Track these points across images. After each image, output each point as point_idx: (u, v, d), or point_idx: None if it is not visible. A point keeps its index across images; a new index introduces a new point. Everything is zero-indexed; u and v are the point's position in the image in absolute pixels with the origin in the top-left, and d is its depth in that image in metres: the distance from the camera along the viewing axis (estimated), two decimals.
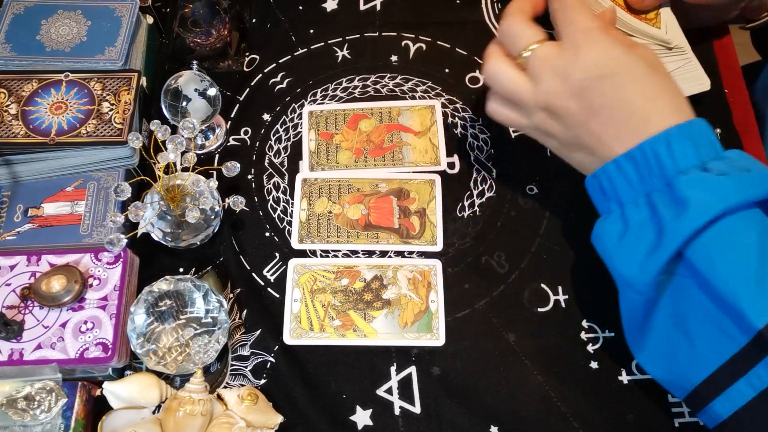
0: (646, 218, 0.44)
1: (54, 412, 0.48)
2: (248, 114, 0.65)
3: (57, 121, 0.58)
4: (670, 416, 0.51)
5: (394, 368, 0.54)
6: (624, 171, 0.45)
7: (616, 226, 0.45)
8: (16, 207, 0.57)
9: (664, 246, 0.42)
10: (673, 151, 0.43)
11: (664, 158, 0.43)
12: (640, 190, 0.44)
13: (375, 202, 0.60)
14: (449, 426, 0.51)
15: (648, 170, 0.44)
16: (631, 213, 0.45)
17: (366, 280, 0.56)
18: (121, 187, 0.52)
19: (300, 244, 0.58)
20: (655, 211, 0.43)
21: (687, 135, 0.44)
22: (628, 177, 0.45)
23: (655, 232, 0.43)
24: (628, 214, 0.45)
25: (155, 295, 0.52)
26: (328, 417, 0.52)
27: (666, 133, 0.44)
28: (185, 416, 0.48)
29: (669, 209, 0.42)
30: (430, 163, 0.61)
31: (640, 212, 0.44)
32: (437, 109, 0.64)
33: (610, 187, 0.46)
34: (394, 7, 0.71)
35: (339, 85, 0.66)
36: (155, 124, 0.53)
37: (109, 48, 0.62)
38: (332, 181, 0.61)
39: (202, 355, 0.52)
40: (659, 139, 0.44)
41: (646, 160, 0.44)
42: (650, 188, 0.44)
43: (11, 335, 0.50)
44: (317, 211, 0.59)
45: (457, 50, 0.68)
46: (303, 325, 0.55)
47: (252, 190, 0.62)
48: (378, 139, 0.63)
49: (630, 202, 0.45)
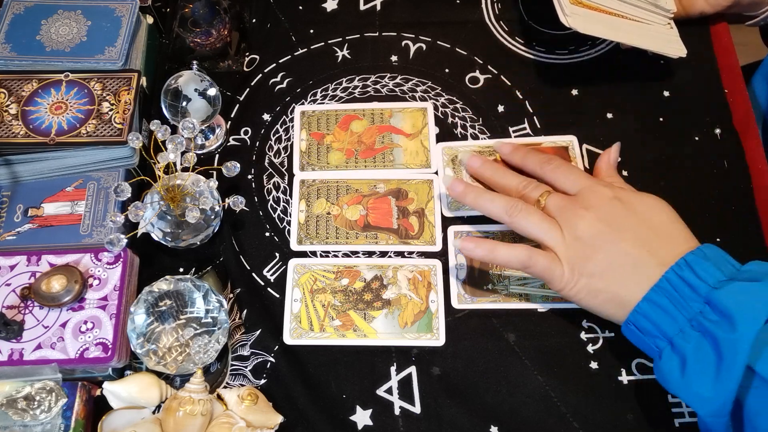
0: (700, 343, 0.43)
1: (54, 412, 0.48)
2: (248, 114, 0.65)
3: (57, 121, 0.58)
4: (670, 416, 0.51)
5: (394, 368, 0.54)
6: (659, 304, 0.45)
7: (673, 362, 0.44)
8: (16, 207, 0.57)
9: (728, 363, 0.41)
10: (698, 273, 0.44)
11: (692, 280, 0.44)
12: (682, 318, 0.44)
13: (373, 202, 0.60)
14: (449, 426, 0.51)
15: (681, 296, 0.44)
16: (682, 343, 0.44)
17: (366, 280, 0.56)
18: (121, 187, 0.52)
19: (299, 245, 0.58)
20: (705, 332, 0.42)
21: (704, 257, 0.45)
22: (665, 309, 0.44)
23: (715, 352, 0.42)
24: (679, 346, 0.44)
25: (155, 295, 0.52)
26: (328, 417, 0.52)
27: (684, 258, 0.45)
28: (185, 416, 0.48)
29: (719, 326, 0.42)
30: (421, 165, 0.61)
31: (691, 339, 0.43)
32: (429, 111, 0.64)
33: (650, 325, 0.45)
34: (394, 7, 0.71)
35: (339, 85, 0.66)
36: (155, 124, 0.53)
37: (109, 48, 0.62)
38: (330, 182, 0.61)
39: (202, 355, 0.52)
40: (680, 265, 0.45)
41: (675, 288, 0.44)
42: (691, 313, 0.43)
43: (11, 335, 0.50)
44: (316, 212, 0.59)
45: (457, 50, 0.68)
46: (303, 325, 0.55)
47: (252, 190, 0.62)
48: (369, 140, 0.63)
49: (676, 333, 0.44)
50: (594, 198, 0.50)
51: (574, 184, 0.51)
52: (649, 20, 0.63)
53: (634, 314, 0.46)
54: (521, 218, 0.50)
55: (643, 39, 0.61)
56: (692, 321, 0.43)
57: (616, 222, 0.48)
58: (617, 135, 0.62)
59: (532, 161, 0.55)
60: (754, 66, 0.78)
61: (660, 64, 0.66)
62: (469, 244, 0.50)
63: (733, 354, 0.40)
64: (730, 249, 0.56)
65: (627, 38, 0.61)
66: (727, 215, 0.58)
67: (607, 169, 0.55)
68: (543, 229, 0.49)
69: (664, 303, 0.44)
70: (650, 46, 0.61)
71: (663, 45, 0.61)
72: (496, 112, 0.64)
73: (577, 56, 0.67)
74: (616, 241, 0.47)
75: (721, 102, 0.64)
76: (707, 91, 0.64)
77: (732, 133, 0.62)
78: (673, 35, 0.63)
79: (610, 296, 0.47)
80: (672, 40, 0.62)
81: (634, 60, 0.66)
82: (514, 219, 0.50)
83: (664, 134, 0.62)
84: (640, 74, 0.66)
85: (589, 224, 0.48)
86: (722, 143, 0.62)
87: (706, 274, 0.44)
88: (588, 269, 0.48)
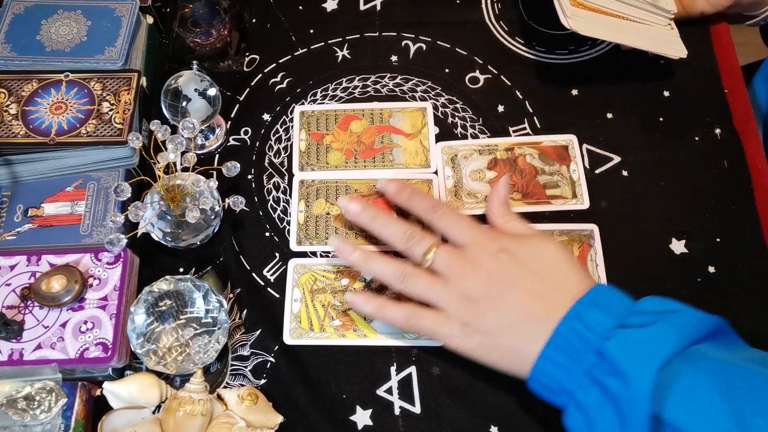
0: (598, 397, 0.42)
1: (54, 412, 0.48)
2: (248, 114, 0.65)
3: (57, 121, 0.58)
4: None
5: (394, 368, 0.54)
6: (554, 360, 0.44)
7: (577, 417, 0.44)
8: (16, 207, 0.57)
9: (630, 418, 0.40)
10: (587, 322, 0.43)
11: (582, 331, 0.43)
12: (578, 371, 0.43)
13: (372, 202, 0.60)
14: (449, 426, 0.51)
15: (574, 350, 0.43)
16: (583, 397, 0.43)
17: (366, 279, 0.56)
18: (121, 187, 0.52)
19: (299, 246, 0.58)
20: (602, 386, 0.42)
21: (592, 304, 0.44)
22: (560, 364, 0.44)
23: (615, 407, 0.41)
24: (581, 400, 0.43)
25: (155, 295, 0.52)
26: (328, 417, 0.52)
27: (574, 308, 0.44)
28: (185, 416, 0.48)
29: (614, 379, 0.41)
30: (420, 165, 0.61)
31: (590, 393, 0.43)
32: (428, 111, 0.64)
33: (550, 381, 0.45)
34: (394, 7, 0.71)
35: (339, 85, 0.66)
36: (155, 124, 0.53)
37: (109, 48, 0.62)
38: (330, 183, 0.61)
39: (202, 355, 0.52)
40: (570, 316, 0.44)
41: (568, 341, 0.44)
42: (586, 366, 0.43)
43: (11, 335, 0.50)
44: (315, 212, 0.59)
45: (457, 50, 0.68)
46: (303, 325, 0.55)
47: (252, 190, 0.62)
48: (369, 140, 0.63)
49: (576, 388, 0.43)
50: (480, 254, 0.49)
51: (461, 235, 0.50)
52: (649, 21, 0.63)
53: (535, 370, 0.45)
54: (411, 284, 0.49)
55: (644, 40, 0.61)
56: (588, 374, 0.43)
57: (504, 277, 0.48)
58: (617, 135, 0.62)
59: (418, 206, 0.53)
60: (754, 66, 0.78)
61: (660, 64, 0.66)
62: (360, 299, 0.50)
63: (632, 409, 0.40)
64: (730, 249, 0.57)
65: (628, 39, 0.61)
66: (727, 215, 0.58)
67: (499, 208, 0.53)
68: (432, 291, 0.49)
69: (560, 358, 0.44)
70: (651, 47, 0.61)
71: (664, 46, 0.61)
72: (496, 112, 0.64)
73: (577, 56, 0.67)
74: (506, 297, 0.47)
75: (721, 102, 0.64)
76: (707, 91, 0.64)
77: (732, 133, 0.62)
78: (674, 36, 0.63)
79: (507, 352, 0.47)
80: (673, 41, 0.63)
81: (634, 60, 0.66)
82: (404, 286, 0.50)
83: (664, 134, 0.62)
84: (640, 74, 0.66)
85: (477, 283, 0.48)
86: (722, 143, 0.62)
87: (596, 322, 0.43)
88: (481, 327, 0.47)
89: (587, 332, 0.43)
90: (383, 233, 0.52)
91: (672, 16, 0.63)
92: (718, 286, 0.56)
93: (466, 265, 0.49)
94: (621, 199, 0.60)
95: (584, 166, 0.61)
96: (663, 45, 0.62)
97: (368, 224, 0.53)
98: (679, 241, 0.58)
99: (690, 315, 0.43)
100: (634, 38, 0.61)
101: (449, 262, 0.49)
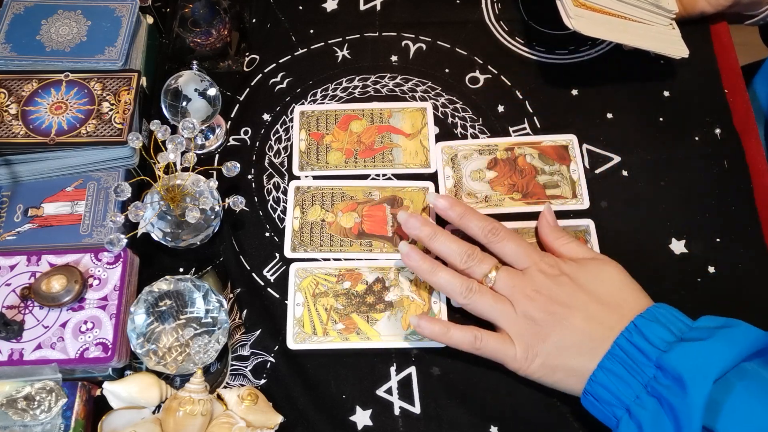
0: (656, 409, 0.43)
1: (54, 412, 0.48)
2: (248, 114, 0.65)
3: (57, 121, 0.58)
4: None
5: (393, 368, 0.54)
6: (613, 371, 0.45)
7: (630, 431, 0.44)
8: (16, 207, 0.57)
9: (685, 428, 0.41)
10: (647, 336, 0.44)
11: (642, 345, 0.44)
12: (638, 384, 0.44)
13: (368, 210, 0.59)
14: (449, 426, 0.51)
15: (634, 362, 0.44)
16: (639, 411, 0.44)
17: (368, 282, 0.56)
18: (121, 187, 0.52)
19: (293, 252, 0.58)
20: (660, 398, 0.43)
21: (653, 319, 0.45)
22: (619, 376, 0.45)
23: (671, 418, 0.42)
24: (636, 413, 0.44)
25: (155, 295, 0.52)
26: (328, 417, 0.52)
27: (634, 322, 0.46)
28: (185, 416, 0.48)
29: (671, 390, 0.42)
30: (420, 165, 0.61)
31: (647, 406, 0.43)
32: (428, 111, 0.64)
33: (606, 393, 0.45)
34: (394, 7, 0.71)
35: (339, 85, 0.66)
36: (155, 124, 0.53)
37: (109, 48, 0.62)
38: (325, 189, 0.60)
39: (202, 355, 0.52)
40: (630, 330, 0.45)
41: (627, 354, 0.45)
42: (645, 378, 0.44)
43: (11, 335, 0.50)
44: (310, 219, 0.59)
45: (457, 50, 0.68)
46: (306, 330, 0.54)
47: (252, 190, 0.62)
48: (368, 140, 0.63)
49: (632, 400, 0.44)
50: (541, 277, 0.49)
51: (521, 260, 0.51)
52: (651, 21, 0.63)
53: (590, 384, 0.46)
54: (476, 300, 0.50)
55: (646, 40, 0.61)
56: (647, 387, 0.44)
57: (566, 300, 0.48)
58: (617, 135, 0.62)
59: (473, 227, 0.52)
60: (754, 66, 0.78)
61: (660, 64, 0.66)
62: (426, 324, 0.50)
63: (688, 419, 0.40)
64: (730, 249, 0.57)
65: (630, 39, 0.61)
66: (727, 215, 0.58)
67: (552, 233, 0.54)
68: (497, 310, 0.49)
69: (619, 370, 0.45)
70: (653, 47, 0.61)
71: (665, 46, 0.62)
72: (496, 112, 0.64)
73: (577, 56, 0.67)
74: (568, 320, 0.48)
75: (721, 102, 0.64)
76: (707, 91, 0.64)
77: (732, 133, 0.62)
78: (675, 36, 0.63)
79: (567, 372, 0.48)
80: (674, 40, 0.63)
81: (634, 60, 0.66)
82: (469, 300, 0.50)
83: (664, 134, 0.62)
84: (640, 74, 0.66)
85: (539, 306, 0.48)
86: (722, 143, 0.62)
87: (655, 337, 0.44)
88: (543, 349, 0.48)
89: (647, 345, 0.44)
90: (443, 250, 0.52)
91: (674, 15, 0.63)
92: (718, 286, 0.56)
93: (527, 287, 0.49)
94: (621, 199, 0.60)
95: (584, 166, 0.61)
96: (665, 45, 0.62)
97: (427, 241, 0.53)
98: (679, 241, 0.58)
99: (747, 330, 0.44)
100: (636, 38, 0.61)
101: (512, 284, 0.50)
